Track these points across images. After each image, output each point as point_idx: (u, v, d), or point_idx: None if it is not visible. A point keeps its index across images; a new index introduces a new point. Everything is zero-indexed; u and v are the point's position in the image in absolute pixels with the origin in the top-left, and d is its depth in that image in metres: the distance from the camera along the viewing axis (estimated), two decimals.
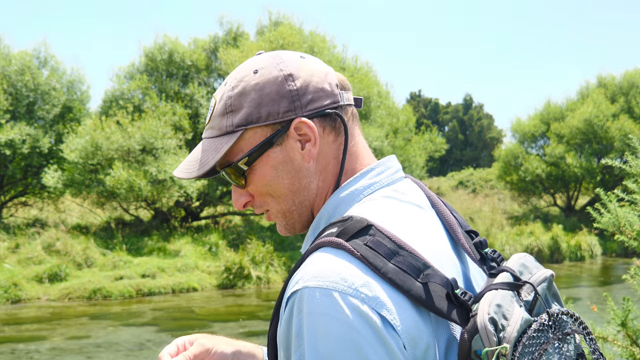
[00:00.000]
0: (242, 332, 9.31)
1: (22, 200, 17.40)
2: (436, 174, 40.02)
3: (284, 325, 0.89)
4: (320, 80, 1.03)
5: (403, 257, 0.90)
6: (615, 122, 21.29)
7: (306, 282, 0.86)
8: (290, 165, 1.02)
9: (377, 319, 0.84)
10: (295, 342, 0.86)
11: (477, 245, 1.05)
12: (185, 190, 14.46)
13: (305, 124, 1.00)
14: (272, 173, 1.03)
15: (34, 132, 15.46)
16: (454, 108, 49.82)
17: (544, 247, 17.39)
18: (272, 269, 13.46)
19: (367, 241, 0.90)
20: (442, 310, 0.87)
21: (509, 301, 0.89)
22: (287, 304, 0.89)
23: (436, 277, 0.89)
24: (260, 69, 1.03)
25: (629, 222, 2.24)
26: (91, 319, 10.08)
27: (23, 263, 12.33)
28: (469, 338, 0.86)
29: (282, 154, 1.02)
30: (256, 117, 1.00)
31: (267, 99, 1.01)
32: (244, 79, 1.03)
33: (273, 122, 1.01)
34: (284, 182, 1.03)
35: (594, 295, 12.22)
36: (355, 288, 0.85)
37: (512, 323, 0.86)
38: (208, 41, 18.26)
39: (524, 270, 0.98)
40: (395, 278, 0.87)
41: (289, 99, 1.01)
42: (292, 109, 1.01)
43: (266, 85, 1.01)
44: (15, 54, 16.25)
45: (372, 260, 0.88)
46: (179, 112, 15.83)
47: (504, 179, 24.05)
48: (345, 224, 0.93)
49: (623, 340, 2.39)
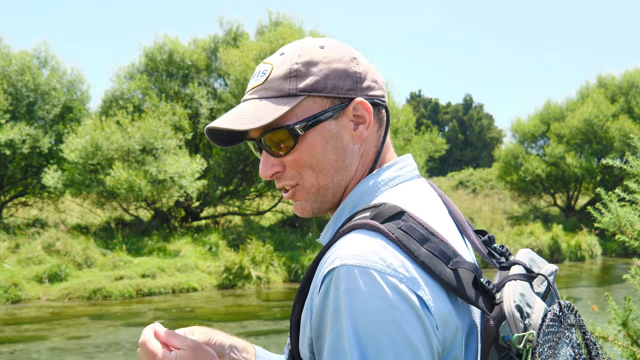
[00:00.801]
0: (242, 332, 9.30)
1: (22, 200, 17.39)
2: (436, 174, 40.02)
3: (319, 303, 0.90)
4: (374, 73, 1.08)
5: (435, 243, 0.92)
6: (615, 122, 21.28)
7: (344, 260, 0.88)
8: (340, 142, 1.04)
9: (415, 298, 0.86)
10: (332, 319, 0.87)
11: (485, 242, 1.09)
12: (185, 190, 14.46)
13: (364, 106, 1.03)
14: (322, 145, 1.03)
15: (34, 132, 15.45)
16: (454, 108, 49.82)
17: (544, 247, 17.39)
18: (272, 269, 13.45)
19: (401, 225, 0.92)
20: (470, 296, 0.90)
21: (529, 291, 0.94)
22: (322, 282, 0.90)
23: (465, 264, 0.92)
24: (327, 47, 1.05)
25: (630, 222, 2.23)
26: (91, 319, 10.08)
27: (23, 263, 12.33)
28: (495, 325, 0.89)
29: (336, 129, 1.04)
30: (322, 86, 1.02)
31: (334, 73, 1.03)
32: (310, 50, 1.05)
33: (335, 96, 1.03)
34: (330, 157, 1.04)
35: (594, 295, 12.22)
36: (394, 268, 0.87)
37: (536, 310, 0.90)
38: (208, 41, 18.26)
39: (533, 264, 1.03)
40: (427, 262, 0.89)
41: (354, 79, 1.04)
42: (354, 89, 1.04)
43: (334, 60, 1.04)
44: (15, 54, 16.24)
45: (406, 243, 0.90)
46: (179, 112, 15.82)
47: (504, 179, 24.05)
48: (379, 209, 0.96)
49: (623, 340, 2.39)
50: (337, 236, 0.96)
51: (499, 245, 1.08)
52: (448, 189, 29.89)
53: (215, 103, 17.03)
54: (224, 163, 16.33)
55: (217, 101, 17.08)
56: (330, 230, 1.08)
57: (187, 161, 14.56)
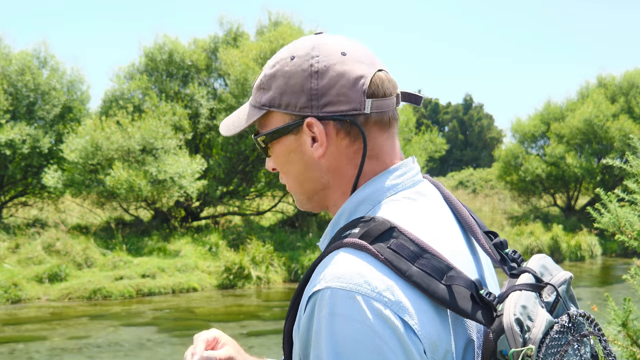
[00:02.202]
0: (242, 332, 9.30)
1: (22, 200, 17.39)
2: (436, 174, 40.02)
3: (305, 323, 0.89)
4: (345, 85, 1.01)
5: (426, 259, 0.90)
6: (615, 122, 21.27)
7: (328, 282, 0.87)
8: (300, 155, 1.05)
9: (399, 323, 0.84)
10: (314, 342, 0.87)
11: (497, 245, 1.05)
12: (185, 190, 14.46)
13: (315, 125, 1.01)
14: (285, 156, 1.07)
15: (34, 132, 15.45)
16: (454, 108, 49.82)
17: (544, 247, 17.39)
18: (272, 269, 13.45)
19: (391, 244, 0.90)
20: (466, 310, 0.88)
21: (533, 302, 0.90)
22: (307, 303, 0.89)
23: (459, 279, 0.90)
24: (296, 57, 1.04)
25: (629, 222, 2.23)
26: (91, 319, 10.08)
27: (23, 263, 12.33)
28: (494, 338, 0.87)
29: (295, 144, 1.05)
30: (277, 103, 1.03)
31: (290, 89, 1.02)
32: (280, 62, 1.05)
33: (290, 113, 1.03)
34: (294, 168, 1.07)
35: (594, 295, 12.23)
36: (379, 292, 0.85)
37: (537, 324, 0.87)
38: (208, 41, 18.26)
39: (545, 272, 1.00)
40: (420, 281, 0.87)
41: (308, 96, 1.01)
42: (308, 106, 1.01)
43: (293, 75, 1.02)
44: (15, 54, 16.24)
45: (396, 263, 0.88)
46: (179, 112, 15.82)
47: (504, 179, 24.04)
48: (369, 225, 0.93)
49: (623, 341, 2.39)
50: (328, 249, 0.94)
51: (512, 251, 1.05)
52: (448, 189, 29.80)
53: (215, 103, 17.03)
54: (224, 163, 16.33)
55: (217, 101, 17.08)
56: (328, 237, 1.07)
57: (187, 161, 14.56)
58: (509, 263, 1.03)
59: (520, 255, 1.05)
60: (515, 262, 1.04)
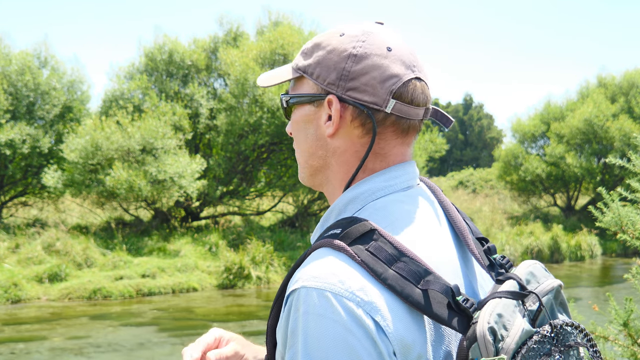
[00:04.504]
0: (242, 332, 9.29)
1: (22, 200, 17.39)
2: (436, 174, 40.03)
3: (283, 322, 0.90)
4: (377, 78, 1.01)
5: (404, 263, 0.90)
6: (615, 122, 21.27)
7: (305, 281, 0.88)
8: (314, 128, 1.07)
9: (371, 322, 0.85)
10: (290, 340, 0.88)
11: (486, 251, 1.04)
12: (185, 190, 14.46)
13: (333, 104, 1.03)
14: (300, 125, 1.09)
15: (34, 132, 15.45)
16: (454, 108, 49.83)
17: (544, 247, 17.37)
18: (272, 269, 13.45)
19: (369, 246, 0.90)
20: (441, 316, 0.87)
21: (511, 311, 0.88)
22: (286, 302, 0.90)
23: (436, 284, 0.89)
24: (345, 35, 1.05)
25: (632, 222, 2.23)
26: (91, 319, 10.08)
27: (23, 263, 12.32)
28: (467, 346, 0.86)
29: (313, 115, 1.06)
30: (311, 71, 1.05)
31: (326, 62, 1.04)
32: (331, 35, 1.07)
33: (318, 84, 1.04)
34: (304, 139, 1.09)
35: (594, 295, 12.22)
36: (352, 291, 0.86)
37: (512, 334, 0.86)
38: (208, 41, 18.26)
39: (532, 279, 0.97)
40: (394, 284, 0.87)
41: (339, 74, 1.02)
42: (335, 84, 1.02)
43: (334, 51, 1.04)
44: (15, 54, 16.24)
45: (372, 265, 0.88)
46: (179, 112, 15.82)
47: (504, 179, 24.03)
48: (350, 226, 0.94)
49: (624, 340, 2.38)
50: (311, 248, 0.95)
51: (500, 256, 1.03)
52: (448, 189, 29.90)
53: (215, 103, 17.03)
54: (224, 163, 16.33)
55: (217, 101, 17.08)
56: (317, 233, 1.07)
57: (187, 161, 14.56)
58: (497, 269, 1.02)
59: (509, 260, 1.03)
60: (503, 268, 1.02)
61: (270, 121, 15.75)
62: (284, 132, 15.98)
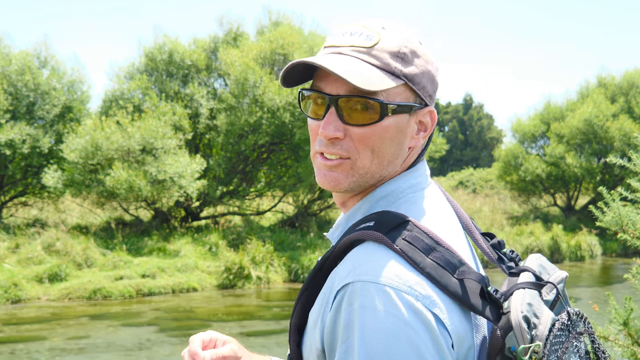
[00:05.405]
0: (242, 332, 9.30)
1: (22, 200, 17.38)
2: (436, 174, 40.01)
3: (332, 317, 0.89)
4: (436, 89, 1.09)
5: (440, 252, 0.91)
6: (615, 122, 21.27)
7: (358, 275, 0.87)
8: (403, 138, 1.03)
9: (431, 317, 0.85)
10: (342, 335, 0.86)
11: (494, 246, 1.08)
12: (185, 190, 14.45)
13: (432, 116, 1.05)
14: (393, 133, 1.01)
15: (34, 132, 15.44)
16: (454, 108, 49.81)
17: (544, 247, 17.38)
18: (272, 269, 13.44)
19: (406, 236, 0.91)
20: (477, 306, 0.89)
21: (538, 300, 0.92)
22: (335, 297, 0.89)
23: (471, 274, 0.91)
24: (422, 46, 1.06)
25: (632, 221, 2.23)
26: (91, 319, 10.08)
27: (23, 263, 12.32)
28: (502, 335, 0.88)
29: (406, 125, 1.03)
30: (417, 80, 1.02)
31: (427, 74, 1.04)
32: (411, 40, 1.03)
33: (420, 96, 1.03)
34: (391, 148, 1.02)
35: (594, 295, 12.22)
36: (410, 285, 0.86)
37: (544, 322, 0.89)
38: (208, 41, 18.25)
39: (543, 271, 1.01)
40: (433, 273, 0.88)
41: (435, 87, 1.06)
42: (432, 97, 1.05)
43: (429, 62, 1.05)
44: (15, 54, 16.23)
45: (410, 254, 0.89)
46: (178, 112, 15.82)
47: (504, 179, 24.03)
48: (383, 217, 0.95)
49: (624, 340, 2.38)
50: (344, 242, 0.94)
51: (509, 250, 1.07)
52: (448, 189, 29.87)
53: (215, 103, 17.02)
54: (224, 163, 16.32)
55: (217, 101, 17.08)
56: (340, 229, 1.07)
57: (187, 161, 14.55)
58: (507, 262, 1.05)
59: (517, 254, 1.07)
60: (513, 262, 1.06)
61: (270, 121, 15.75)
62: (284, 132, 15.99)
